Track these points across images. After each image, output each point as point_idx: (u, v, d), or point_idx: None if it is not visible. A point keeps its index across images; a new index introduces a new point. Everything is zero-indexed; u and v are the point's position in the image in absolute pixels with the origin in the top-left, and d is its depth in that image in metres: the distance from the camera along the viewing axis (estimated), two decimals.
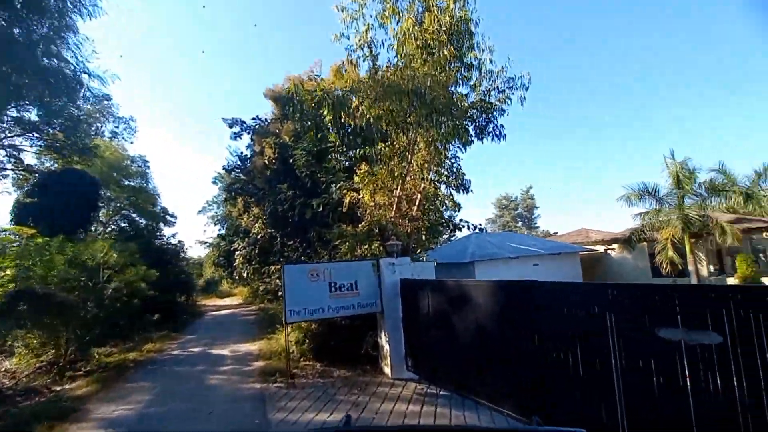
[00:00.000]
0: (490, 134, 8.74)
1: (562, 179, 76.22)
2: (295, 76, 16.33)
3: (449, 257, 19.13)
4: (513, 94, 9.15)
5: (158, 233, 24.45)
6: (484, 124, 8.86)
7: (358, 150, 8.70)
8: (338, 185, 9.98)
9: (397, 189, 8.68)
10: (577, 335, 4.27)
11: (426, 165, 8.70)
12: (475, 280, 5.89)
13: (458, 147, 9.05)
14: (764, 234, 18.15)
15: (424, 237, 9.52)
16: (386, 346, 7.91)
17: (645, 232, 19.67)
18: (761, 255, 18.36)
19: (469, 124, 9.02)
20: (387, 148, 7.43)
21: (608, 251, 22.94)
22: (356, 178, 8.98)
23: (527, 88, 9.21)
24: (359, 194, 8.90)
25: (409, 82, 6.47)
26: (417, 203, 8.99)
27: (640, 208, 20.04)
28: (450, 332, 6.33)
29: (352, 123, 7.64)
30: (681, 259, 17.72)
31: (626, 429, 3.73)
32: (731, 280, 17.54)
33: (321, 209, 11.72)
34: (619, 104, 71.02)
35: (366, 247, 8.83)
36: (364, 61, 7.93)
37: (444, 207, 9.92)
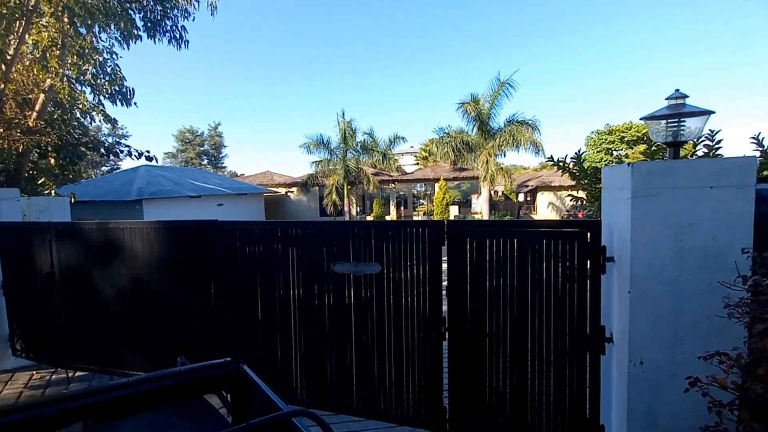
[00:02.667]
0: (167, 34, 6.70)
1: (252, 119, 77.12)
2: None
3: (108, 194, 15.00)
4: None
5: None
6: (158, 17, 6.68)
7: None
8: None
9: None
10: (262, 277, 3.84)
11: (56, 51, 5.65)
12: (132, 221, 4.33)
13: (117, 39, 6.44)
14: (390, 185, 25.13)
15: (53, 161, 6.39)
16: None
17: (318, 178, 22.76)
18: (389, 199, 25.41)
19: (137, 12, 6.57)
20: None
21: (288, 193, 25.15)
22: None
23: None
24: None
25: None
26: (37, 107, 5.82)
27: (316, 157, 22.88)
28: (91, 294, 4.51)
29: None
30: (341, 202, 21.81)
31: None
32: (369, 218, 23.36)
33: None
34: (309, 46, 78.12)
35: None
36: None
37: (90, 120, 6.99)
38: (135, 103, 6.43)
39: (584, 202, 5.02)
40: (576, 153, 4.40)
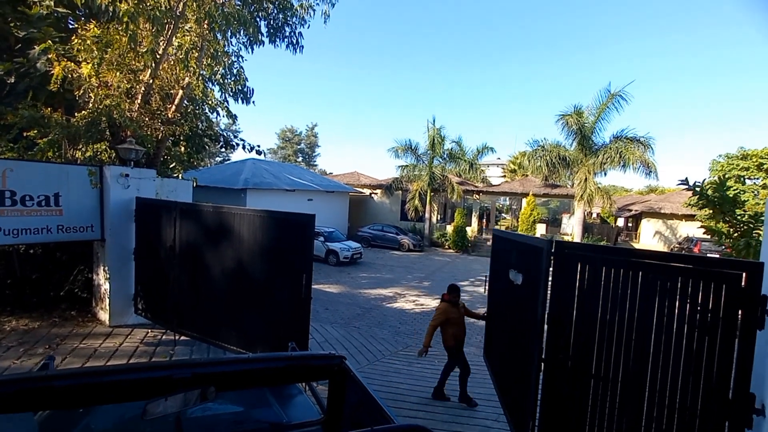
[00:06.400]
0: (286, 39, 7.28)
1: (345, 121, 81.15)
2: None
3: (219, 182, 16.84)
4: (318, 5, 7.96)
5: None
6: (280, 24, 7.28)
7: None
8: (45, 47, 6.32)
9: (146, 72, 6.15)
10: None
11: (195, 53, 6.48)
12: (242, 208, 4.73)
13: (243, 44, 7.18)
14: (474, 196, 24.39)
15: (183, 149, 7.36)
16: (105, 285, 5.85)
17: (402, 182, 22.98)
18: (471, 210, 24.74)
19: (262, 18, 7.25)
20: (131, 2, 4.88)
21: (372, 195, 25.82)
22: (75, 41, 5.81)
23: (333, 5, 8.20)
24: (79, 67, 5.84)
25: None
26: (176, 101, 6.72)
27: (402, 161, 23.17)
28: (201, 269, 5.03)
29: None
30: (422, 208, 21.74)
31: None
32: (449, 227, 22.94)
33: (12, 79, 7.43)
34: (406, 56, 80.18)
35: (86, 147, 6.05)
36: None
37: (216, 115, 7.92)
38: (253, 102, 7.14)
39: (722, 236, 4.25)
40: (719, 177, 3.75)
